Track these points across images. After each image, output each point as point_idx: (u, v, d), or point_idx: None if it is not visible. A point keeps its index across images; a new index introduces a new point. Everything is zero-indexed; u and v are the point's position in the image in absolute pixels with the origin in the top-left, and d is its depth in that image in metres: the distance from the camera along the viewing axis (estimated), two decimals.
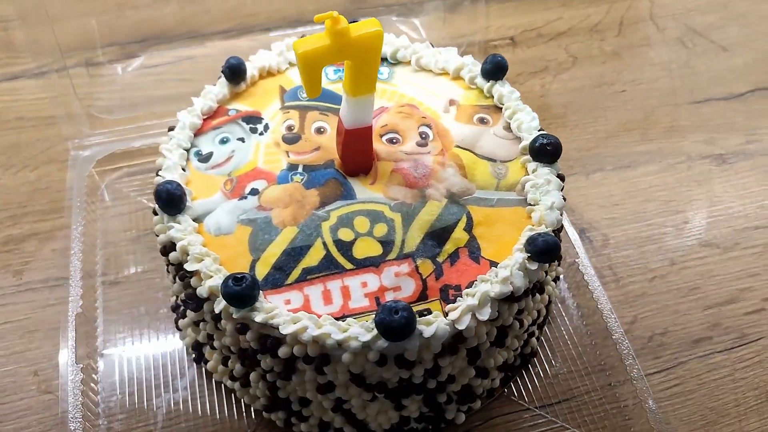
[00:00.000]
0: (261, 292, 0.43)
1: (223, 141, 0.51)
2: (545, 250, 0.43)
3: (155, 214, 0.48)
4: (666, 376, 0.52)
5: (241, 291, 0.41)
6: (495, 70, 0.52)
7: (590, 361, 0.52)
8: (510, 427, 0.50)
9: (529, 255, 0.43)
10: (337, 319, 0.42)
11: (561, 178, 0.48)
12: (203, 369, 0.52)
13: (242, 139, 0.51)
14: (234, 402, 0.51)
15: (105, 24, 0.74)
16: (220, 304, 0.42)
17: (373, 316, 0.41)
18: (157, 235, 0.47)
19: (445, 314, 0.42)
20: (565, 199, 0.47)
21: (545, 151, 0.47)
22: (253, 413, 0.50)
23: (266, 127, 0.51)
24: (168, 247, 0.45)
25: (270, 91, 0.54)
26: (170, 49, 0.76)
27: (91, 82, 0.70)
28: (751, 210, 0.62)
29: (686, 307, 0.56)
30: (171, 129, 0.51)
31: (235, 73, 0.53)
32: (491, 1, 0.81)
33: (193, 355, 0.52)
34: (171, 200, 0.45)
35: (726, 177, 0.64)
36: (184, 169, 0.49)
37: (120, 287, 0.57)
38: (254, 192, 0.47)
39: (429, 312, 0.42)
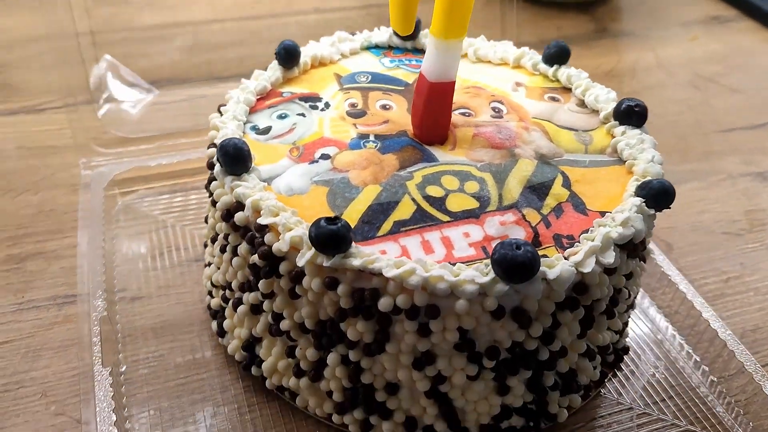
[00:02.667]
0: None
1: (282, 116, 0.46)
2: (662, 191, 0.39)
3: (211, 181, 0.43)
4: None
5: (337, 231, 0.35)
6: (559, 54, 0.51)
7: (683, 358, 0.47)
8: (615, 428, 0.43)
9: (644, 200, 0.39)
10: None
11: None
12: (250, 383, 0.44)
13: (302, 115, 0.47)
14: (291, 414, 0.43)
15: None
16: (305, 256, 0.36)
17: (487, 260, 0.35)
18: (216, 202, 0.41)
19: (566, 258, 0.37)
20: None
21: (633, 112, 0.45)
22: (316, 427, 0.42)
23: (327, 105, 0.48)
24: (233, 210, 0.40)
25: (325, 77, 0.51)
26: (183, 89, 0.72)
27: (103, 116, 0.65)
28: None
29: None
30: (220, 107, 0.47)
31: (290, 54, 0.49)
32: None
33: (243, 362, 0.44)
34: (238, 156, 0.40)
35: None
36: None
37: (142, 302, 0.49)
38: (326, 157, 0.43)
39: (546, 257, 0.37)
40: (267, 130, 0.45)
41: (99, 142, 0.61)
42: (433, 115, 0.43)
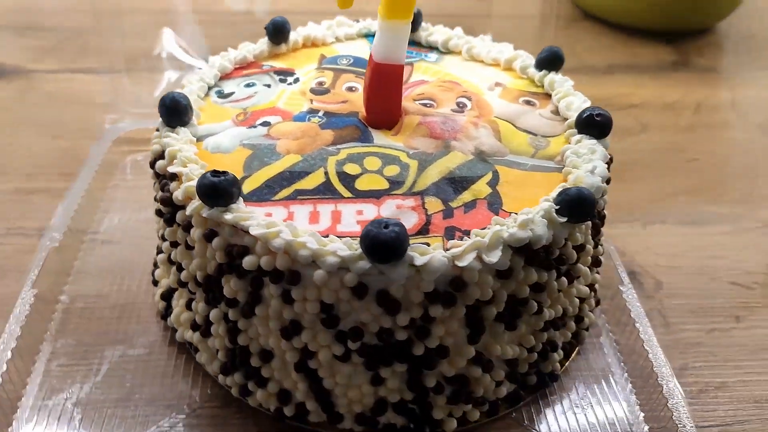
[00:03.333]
0: (242, 201, 0.37)
1: (248, 85, 0.48)
2: (578, 201, 0.36)
3: (157, 131, 0.45)
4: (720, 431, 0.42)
5: (219, 183, 0.36)
6: (551, 59, 0.48)
7: (623, 400, 0.43)
8: None
9: (558, 207, 0.36)
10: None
11: (609, 161, 0.42)
12: (169, 333, 0.45)
13: (268, 86, 0.48)
14: (192, 370, 0.43)
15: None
16: (193, 205, 0.37)
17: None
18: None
19: (446, 250, 0.35)
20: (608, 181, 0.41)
21: (593, 122, 0.42)
22: (209, 386, 0.42)
23: (296, 80, 0.48)
24: (156, 158, 0.41)
25: (310, 56, 0.51)
26: None
27: (144, 80, 0.70)
28: None
29: (753, 365, 0.46)
30: None
31: (278, 30, 0.51)
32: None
33: (162, 311, 0.46)
34: (175, 109, 0.42)
35: None
36: (201, 99, 0.46)
37: (110, 246, 0.52)
38: (266, 124, 0.44)
39: (427, 245, 0.35)
40: (229, 95, 0.47)
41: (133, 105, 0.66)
42: (379, 96, 0.43)
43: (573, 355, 0.45)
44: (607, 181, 0.43)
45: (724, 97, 0.75)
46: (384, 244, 0.33)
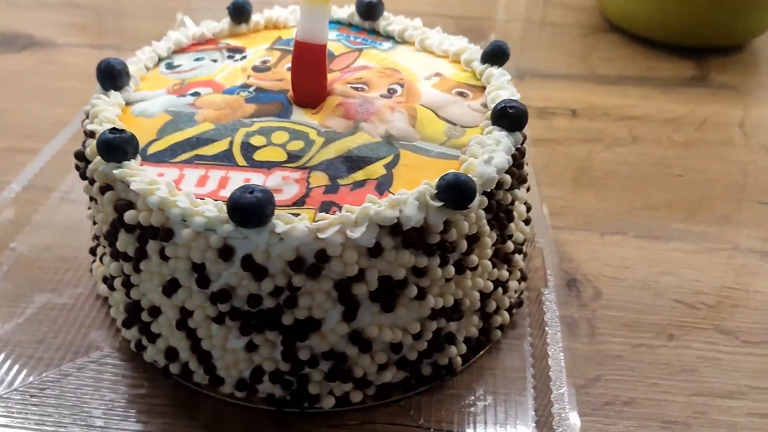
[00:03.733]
0: (140, 159, 0.39)
1: (197, 59, 0.50)
2: (453, 186, 0.36)
3: None
4: None
5: (113, 140, 0.37)
6: (494, 54, 0.48)
7: (518, 403, 0.41)
8: None
9: (436, 191, 0.36)
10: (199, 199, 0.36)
11: (521, 153, 0.41)
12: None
13: (215, 60, 0.49)
14: (110, 323, 0.45)
15: None
16: (95, 160, 0.39)
17: None
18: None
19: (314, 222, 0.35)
20: (518, 168, 0.40)
21: (506, 115, 0.41)
22: (119, 339, 0.44)
23: (243, 57, 0.50)
24: (86, 119, 0.43)
25: (268, 37, 0.53)
26: None
27: None
28: None
29: (670, 386, 0.44)
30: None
31: (238, 11, 0.53)
32: (568, 79, 0.77)
33: (90, 266, 0.48)
34: (109, 73, 0.44)
35: None
36: (147, 69, 0.48)
37: (72, 204, 0.55)
38: (196, 94, 0.45)
39: (296, 215, 0.35)
40: (177, 67, 0.49)
41: None
42: (301, 74, 0.44)
43: (482, 352, 0.45)
44: (518, 177, 0.42)
45: (733, 116, 0.71)
46: (244, 208, 0.34)
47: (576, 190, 0.60)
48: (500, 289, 0.44)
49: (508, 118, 0.41)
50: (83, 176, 0.42)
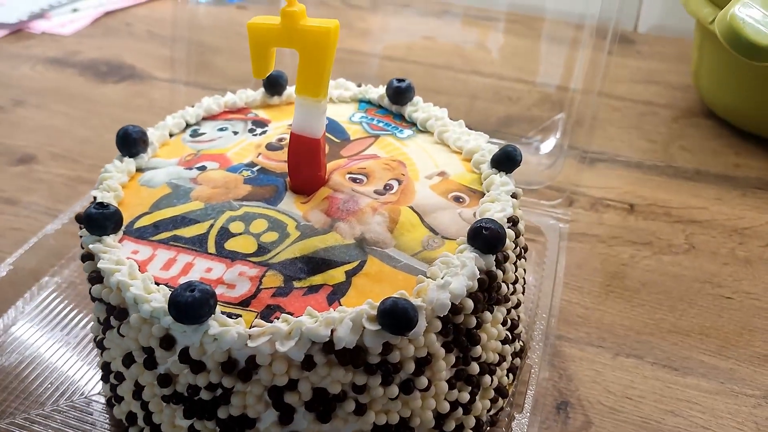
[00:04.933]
0: (122, 235, 0.41)
1: (221, 129, 0.52)
2: (389, 312, 0.35)
3: None
4: None
5: (95, 215, 0.40)
6: (503, 160, 0.46)
7: None
8: None
9: (377, 314, 0.35)
10: (157, 285, 0.38)
11: (490, 277, 0.39)
12: None
13: (236, 132, 0.51)
14: None
15: None
16: (82, 228, 0.42)
17: None
18: None
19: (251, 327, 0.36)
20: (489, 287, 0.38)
21: (480, 236, 0.39)
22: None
23: (264, 132, 0.51)
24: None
25: None
26: None
27: None
28: None
29: None
30: None
31: (272, 84, 0.54)
32: (639, 168, 0.73)
33: None
34: (124, 140, 0.47)
35: None
36: (171, 135, 0.51)
37: None
38: (202, 168, 0.47)
39: (237, 317, 0.36)
40: (200, 135, 0.51)
41: None
42: (295, 164, 0.44)
43: None
44: (488, 300, 0.40)
45: None
46: (179, 305, 0.35)
47: (603, 299, 0.56)
48: (460, 410, 0.42)
49: (482, 239, 0.39)
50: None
